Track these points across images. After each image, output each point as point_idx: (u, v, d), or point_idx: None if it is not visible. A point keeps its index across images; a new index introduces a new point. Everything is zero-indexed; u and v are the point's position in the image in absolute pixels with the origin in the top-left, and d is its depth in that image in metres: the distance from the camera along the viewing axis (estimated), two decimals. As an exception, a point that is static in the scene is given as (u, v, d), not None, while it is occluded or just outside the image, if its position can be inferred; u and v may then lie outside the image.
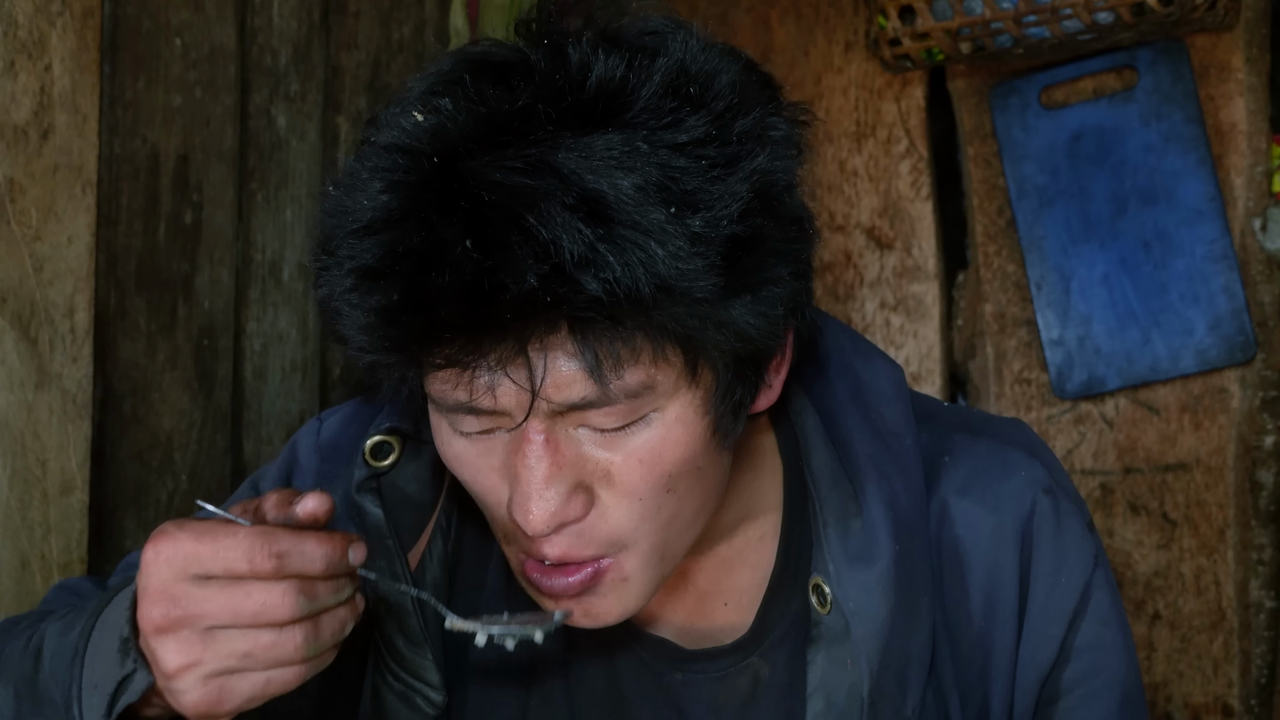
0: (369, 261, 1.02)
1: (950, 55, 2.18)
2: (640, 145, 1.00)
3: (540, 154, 0.99)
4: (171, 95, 1.89)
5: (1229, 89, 2.23)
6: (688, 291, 1.00)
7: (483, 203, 0.99)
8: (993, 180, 2.36)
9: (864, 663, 1.19)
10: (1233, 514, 2.23)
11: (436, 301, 0.99)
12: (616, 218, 0.98)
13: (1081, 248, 2.29)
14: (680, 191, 1.00)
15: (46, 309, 1.67)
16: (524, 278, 0.97)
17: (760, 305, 1.06)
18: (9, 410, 1.63)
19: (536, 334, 1.02)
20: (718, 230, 1.01)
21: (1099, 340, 2.28)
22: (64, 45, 1.68)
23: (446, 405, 1.09)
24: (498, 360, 1.02)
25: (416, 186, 1.01)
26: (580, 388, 1.04)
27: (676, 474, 1.10)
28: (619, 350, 1.02)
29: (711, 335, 1.04)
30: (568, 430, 1.08)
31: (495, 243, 0.98)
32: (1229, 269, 2.21)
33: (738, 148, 1.04)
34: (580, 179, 0.99)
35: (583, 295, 0.98)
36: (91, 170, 1.73)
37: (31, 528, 1.66)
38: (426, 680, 1.25)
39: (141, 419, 1.86)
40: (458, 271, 0.98)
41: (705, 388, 1.09)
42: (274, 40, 2.05)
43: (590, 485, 1.09)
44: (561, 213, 0.97)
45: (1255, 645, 2.23)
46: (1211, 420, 2.24)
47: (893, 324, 2.41)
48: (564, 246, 0.97)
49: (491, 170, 0.99)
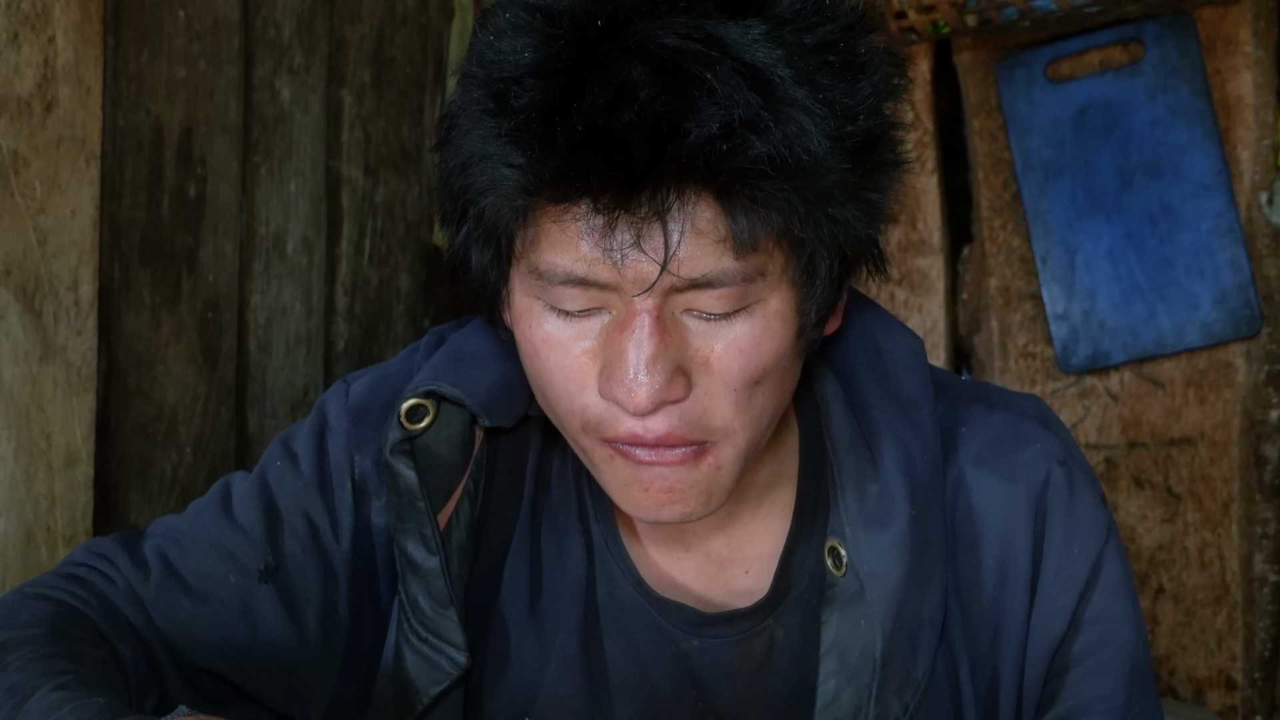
0: (543, 98, 1.04)
1: (956, 28, 2.17)
2: (789, 37, 1.06)
3: (703, 27, 1.04)
4: (175, 68, 1.88)
5: (1236, 62, 2.22)
6: (827, 174, 1.06)
7: (661, 58, 1.03)
8: (998, 154, 2.36)
9: (877, 624, 1.20)
10: (1237, 488, 2.23)
11: (615, 137, 1.02)
12: (776, 92, 1.04)
13: (1087, 222, 2.29)
14: (825, 85, 1.06)
15: (50, 282, 1.67)
16: (708, 123, 1.01)
17: (865, 209, 1.11)
18: (14, 383, 1.63)
19: (689, 195, 1.05)
20: (857, 123, 1.07)
21: (1104, 314, 2.28)
22: (67, 17, 1.68)
23: (557, 277, 1.09)
24: (638, 220, 1.04)
25: (589, 42, 1.05)
26: (705, 262, 1.06)
27: (769, 367, 1.13)
28: (755, 227, 1.06)
29: (829, 230, 1.09)
30: (675, 314, 1.10)
31: (678, 91, 1.02)
32: (1235, 243, 2.20)
33: (864, 59, 1.10)
34: (743, 52, 1.04)
35: (748, 154, 1.02)
36: (95, 143, 1.72)
37: (37, 500, 1.66)
38: (450, 641, 1.26)
39: (146, 392, 1.86)
40: (646, 111, 1.01)
41: (803, 288, 1.13)
42: (278, 13, 2.05)
43: (689, 371, 1.11)
44: (733, 77, 1.02)
45: (1259, 619, 2.23)
46: (1216, 394, 2.24)
47: (897, 298, 2.41)
48: (738, 107, 1.02)
49: (664, 33, 1.04)
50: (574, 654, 1.29)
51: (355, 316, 2.19)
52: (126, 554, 1.31)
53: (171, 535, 1.32)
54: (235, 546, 1.29)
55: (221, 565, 1.28)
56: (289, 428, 1.39)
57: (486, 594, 1.31)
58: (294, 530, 1.31)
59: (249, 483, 1.34)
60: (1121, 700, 1.27)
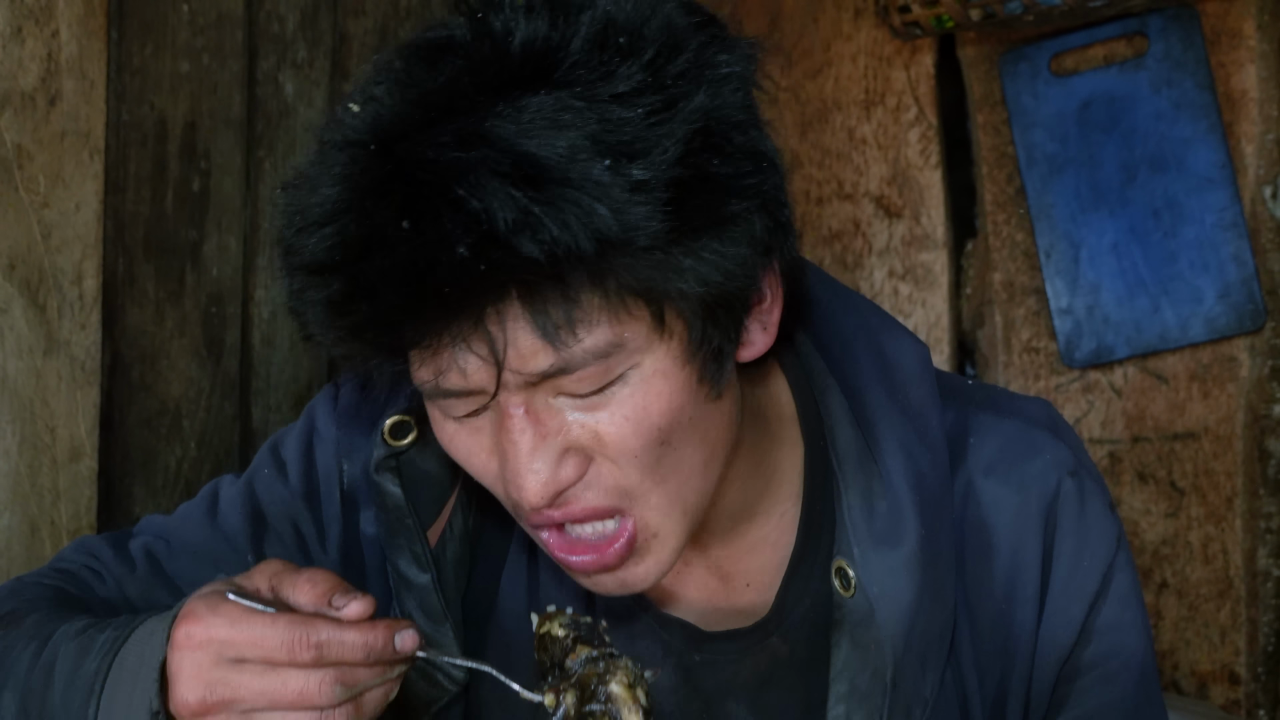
0: (314, 256, 1.03)
1: (960, 22, 2.17)
2: (574, 103, 1.00)
3: (470, 124, 1.00)
4: (179, 62, 1.88)
5: (1240, 56, 2.22)
6: (632, 242, 0.99)
7: (416, 182, 0.99)
8: (1002, 148, 2.36)
9: (888, 646, 1.19)
10: (1241, 483, 2.23)
11: (376, 285, 1.00)
12: (551, 178, 0.98)
13: (1091, 216, 2.29)
14: (618, 143, 1.00)
15: (55, 276, 1.67)
16: (454, 249, 0.97)
17: (723, 246, 1.04)
18: (18, 377, 1.63)
19: (492, 306, 1.01)
20: (659, 174, 1.00)
21: (1108, 309, 2.28)
22: (71, 11, 1.68)
23: (428, 391, 1.09)
24: (456, 338, 1.03)
25: (358, 177, 1.02)
26: (544, 356, 1.03)
27: (667, 427, 1.09)
28: (572, 314, 1.02)
29: (673, 283, 1.03)
30: (546, 399, 1.07)
31: (427, 218, 0.98)
32: (1239, 237, 2.20)
33: (674, 90, 1.03)
34: (512, 144, 0.99)
35: (520, 260, 0.98)
36: (99, 137, 1.72)
37: (41, 494, 1.66)
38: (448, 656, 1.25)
39: (150, 386, 1.86)
40: (392, 252, 0.99)
41: (679, 338, 1.07)
42: (281, 7, 2.05)
43: (582, 447, 1.09)
44: (492, 180, 0.98)
45: (1262, 613, 2.23)
46: (1220, 389, 2.24)
47: (901, 293, 2.41)
48: (496, 214, 0.97)
49: (424, 149, 1.00)
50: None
51: (359, 311, 2.19)
52: (113, 551, 1.33)
53: (160, 535, 1.33)
54: (220, 554, 1.30)
55: (206, 572, 1.27)
56: (279, 431, 1.39)
57: (484, 605, 1.30)
58: (281, 539, 1.30)
59: (236, 489, 1.34)
60: (1130, 707, 1.27)
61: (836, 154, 2.44)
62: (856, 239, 2.43)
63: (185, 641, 1.03)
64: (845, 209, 2.43)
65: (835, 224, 2.43)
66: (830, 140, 2.44)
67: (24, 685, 1.16)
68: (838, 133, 2.44)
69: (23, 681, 1.16)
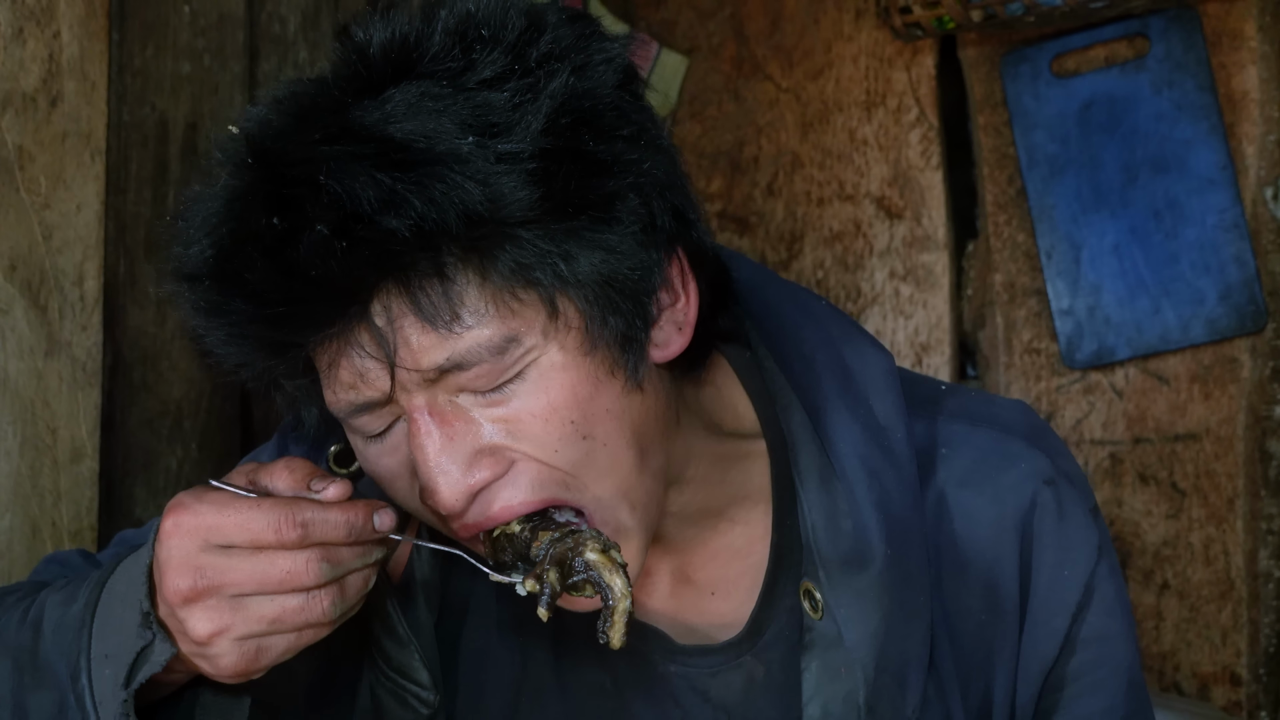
0: (191, 265, 1.06)
1: (961, 23, 2.17)
2: (437, 90, 1.02)
3: (336, 121, 1.02)
4: (180, 63, 1.88)
5: (1241, 57, 2.22)
6: (501, 212, 1.00)
7: (284, 180, 1.01)
8: (1003, 149, 2.36)
9: (858, 670, 1.18)
10: (1242, 484, 2.22)
11: (245, 277, 1.01)
12: (417, 159, 1.00)
13: (1092, 217, 2.29)
14: (484, 124, 1.02)
15: (56, 277, 1.67)
16: (314, 226, 0.99)
17: (606, 228, 1.05)
18: (19, 378, 1.63)
19: (376, 297, 1.02)
20: (525, 146, 1.02)
21: (1109, 310, 2.28)
22: (72, 12, 1.68)
23: (342, 412, 1.09)
24: (346, 339, 1.04)
25: (234, 188, 1.05)
26: (436, 351, 1.04)
27: (581, 419, 1.08)
28: (453, 299, 1.03)
29: (560, 267, 1.04)
30: (450, 399, 1.07)
31: (292, 207, 1.00)
32: (1240, 238, 2.20)
33: (539, 72, 1.05)
34: (378, 131, 1.01)
35: (384, 234, 0.99)
36: (100, 138, 1.72)
37: (42, 495, 1.66)
38: (416, 680, 1.24)
39: (151, 387, 1.86)
40: (258, 242, 1.01)
41: (576, 328, 1.07)
42: (282, 8, 2.05)
43: (497, 446, 1.08)
44: (355, 164, 0.99)
45: (1264, 615, 2.23)
46: (1221, 390, 2.24)
47: (902, 294, 2.41)
48: (359, 195, 0.99)
49: (294, 149, 1.02)
50: (547, 683, 1.26)
51: (360, 312, 2.19)
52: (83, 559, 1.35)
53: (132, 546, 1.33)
54: None
55: None
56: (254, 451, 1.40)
57: (454, 627, 1.29)
58: None
59: None
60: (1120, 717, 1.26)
61: (837, 155, 2.44)
62: (857, 240, 2.43)
63: (173, 530, 1.04)
64: (846, 210, 2.43)
65: (836, 225, 2.43)
66: (831, 141, 2.44)
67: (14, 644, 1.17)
68: (839, 134, 2.44)
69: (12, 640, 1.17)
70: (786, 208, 2.47)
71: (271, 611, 1.03)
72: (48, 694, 1.13)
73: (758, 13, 2.48)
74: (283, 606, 1.03)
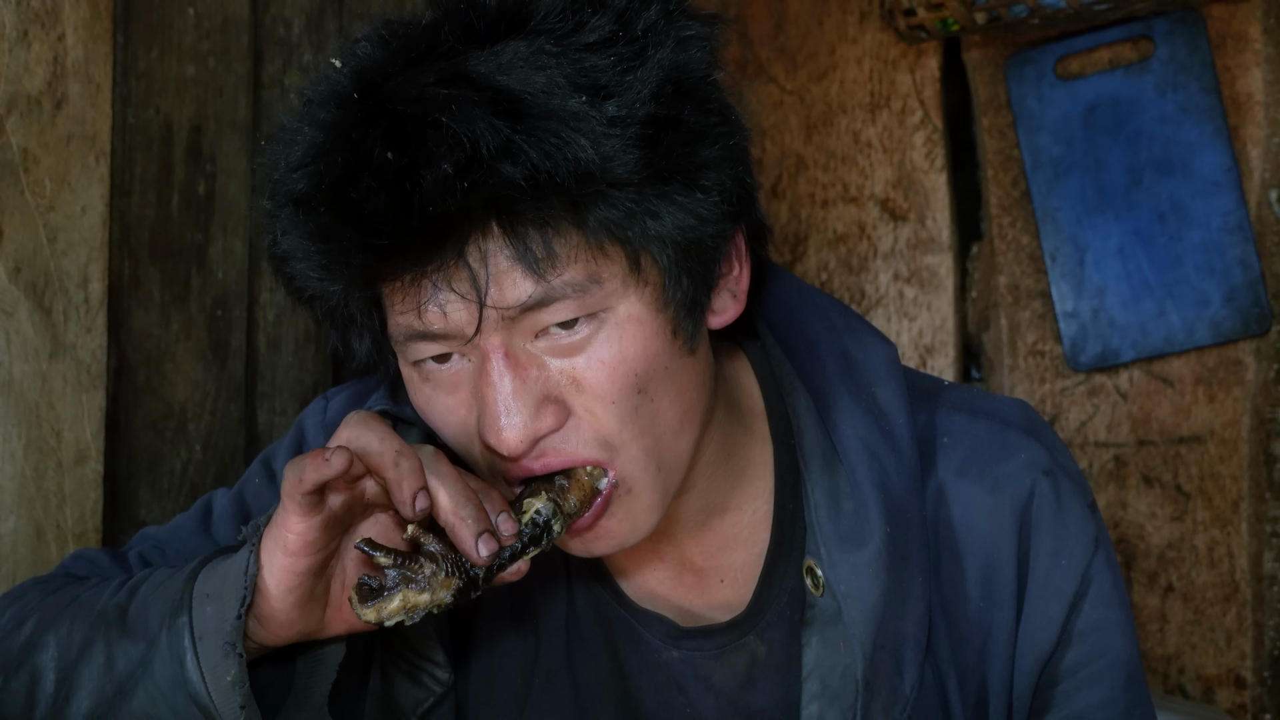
0: (301, 188, 1.07)
1: (965, 25, 2.17)
2: (548, 47, 1.05)
3: (450, 65, 1.05)
4: (185, 65, 1.88)
5: (1246, 59, 2.22)
6: (610, 173, 1.04)
7: (401, 115, 1.04)
8: (1007, 151, 2.36)
9: (856, 644, 1.20)
10: (1246, 486, 2.22)
11: (361, 207, 1.03)
12: (531, 111, 1.03)
13: (1096, 219, 2.28)
14: (593, 84, 1.05)
15: (60, 279, 1.67)
16: (439, 165, 1.01)
17: (694, 191, 1.09)
18: (24, 380, 1.63)
19: (474, 238, 1.05)
20: (633, 111, 1.05)
21: (1113, 312, 2.27)
22: (77, 14, 1.68)
23: (405, 336, 1.11)
24: (438, 272, 1.06)
25: (341, 119, 1.07)
26: (524, 286, 1.06)
27: (644, 373, 1.11)
28: (552, 245, 1.06)
29: (648, 225, 1.08)
30: (525, 345, 1.10)
31: (413, 143, 1.03)
32: (1245, 240, 2.20)
33: (644, 41, 1.08)
34: (492, 79, 1.04)
35: (502, 181, 1.02)
36: (105, 140, 1.72)
37: (46, 497, 1.66)
38: (432, 659, 1.26)
39: (155, 389, 1.87)
40: (378, 174, 1.03)
41: (653, 284, 1.11)
42: (287, 10, 2.05)
43: (561, 397, 1.11)
44: (475, 109, 1.02)
45: (1268, 618, 2.23)
46: (1226, 392, 2.24)
47: (906, 296, 2.41)
48: (480, 139, 1.01)
49: (407, 88, 1.04)
50: (557, 667, 1.29)
51: (364, 314, 2.19)
52: (111, 559, 1.36)
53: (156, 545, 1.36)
54: None
55: None
56: (271, 445, 1.41)
57: (468, 610, 1.31)
58: None
59: (228, 499, 1.37)
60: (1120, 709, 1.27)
61: (842, 157, 2.44)
62: (862, 242, 2.43)
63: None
64: (850, 212, 2.43)
65: (840, 227, 2.43)
66: (835, 143, 2.44)
67: (103, 605, 1.20)
68: (843, 136, 2.44)
69: (103, 602, 1.20)
70: (791, 210, 2.47)
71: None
72: (131, 646, 1.16)
73: (762, 15, 2.48)
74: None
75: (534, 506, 1.11)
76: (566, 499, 1.12)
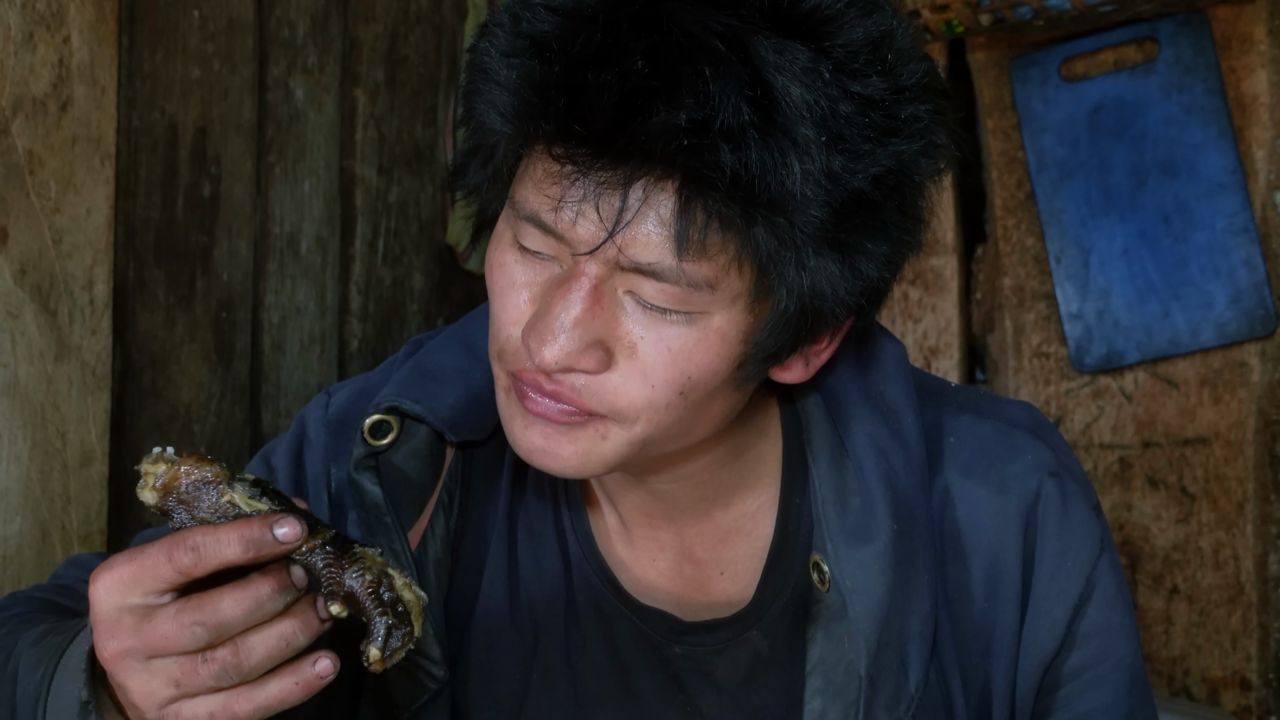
0: (549, 30, 1.05)
1: (970, 27, 2.17)
2: (824, 72, 1.04)
3: (739, 27, 1.03)
4: (189, 67, 1.89)
5: (1251, 61, 2.22)
6: (797, 213, 1.03)
7: (672, 39, 1.02)
8: (1012, 153, 2.36)
9: (861, 641, 1.19)
10: (1252, 488, 2.22)
11: (593, 95, 1.02)
12: (776, 116, 1.02)
13: (1101, 221, 2.28)
14: (837, 133, 1.04)
15: (66, 281, 1.67)
16: (678, 110, 1.00)
17: (846, 270, 1.09)
18: (29, 382, 1.64)
19: (650, 182, 1.04)
20: (851, 179, 1.04)
21: (1118, 314, 2.27)
22: (82, 17, 1.68)
23: (524, 212, 1.10)
24: (603, 186, 1.05)
25: (618, 4, 1.05)
26: (655, 252, 1.06)
27: (694, 380, 1.11)
28: (709, 233, 1.05)
29: (791, 272, 1.07)
30: (616, 290, 1.09)
31: (668, 71, 1.01)
32: (1250, 242, 2.20)
33: (900, 125, 1.07)
34: (763, 67, 1.02)
35: (715, 161, 1.01)
36: (110, 142, 1.73)
37: (52, 499, 1.67)
38: (428, 655, 1.25)
39: (160, 391, 1.87)
40: (625, 78, 1.01)
41: (757, 317, 1.10)
42: (292, 12, 2.05)
43: (612, 349, 1.10)
44: (735, 84, 1.01)
45: (1274, 620, 2.22)
46: (1231, 394, 2.24)
47: (911, 297, 2.41)
48: (722, 111, 1.01)
49: (693, 19, 1.03)
50: (556, 664, 1.28)
51: (369, 316, 2.19)
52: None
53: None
54: None
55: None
56: (271, 441, 1.41)
57: (466, 606, 1.30)
58: None
59: None
60: (1123, 712, 1.27)
61: (846, 159, 2.44)
62: (866, 244, 2.43)
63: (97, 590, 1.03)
64: (855, 214, 2.43)
65: (845, 229, 2.43)
66: (840, 145, 2.44)
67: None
68: (847, 138, 2.44)
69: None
70: (795, 212, 2.47)
71: (174, 674, 1.01)
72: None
73: (766, 17, 2.48)
74: (179, 670, 1.01)
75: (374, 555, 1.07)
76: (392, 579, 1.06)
